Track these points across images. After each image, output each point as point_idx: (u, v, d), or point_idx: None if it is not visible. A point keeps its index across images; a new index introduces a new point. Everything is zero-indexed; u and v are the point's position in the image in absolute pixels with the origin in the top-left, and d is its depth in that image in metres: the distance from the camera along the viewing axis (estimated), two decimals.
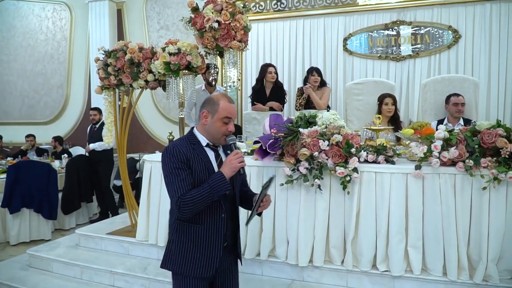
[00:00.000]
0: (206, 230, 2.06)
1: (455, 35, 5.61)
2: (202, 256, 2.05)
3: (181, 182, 1.96)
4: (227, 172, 2.01)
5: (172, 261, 2.07)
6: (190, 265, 2.05)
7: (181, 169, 1.98)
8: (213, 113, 2.08)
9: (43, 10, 8.94)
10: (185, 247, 2.05)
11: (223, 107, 2.07)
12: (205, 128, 2.10)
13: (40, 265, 4.08)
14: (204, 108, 2.12)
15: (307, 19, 6.31)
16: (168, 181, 1.99)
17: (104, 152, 6.31)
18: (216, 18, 3.43)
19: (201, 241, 2.06)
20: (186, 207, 1.93)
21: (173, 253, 2.07)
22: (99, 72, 4.15)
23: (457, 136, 2.91)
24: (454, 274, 2.88)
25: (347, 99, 4.91)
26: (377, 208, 3.06)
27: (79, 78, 8.69)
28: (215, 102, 2.09)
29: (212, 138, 2.11)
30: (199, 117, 2.15)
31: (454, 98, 4.31)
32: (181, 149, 2.01)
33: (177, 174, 1.97)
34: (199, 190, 1.96)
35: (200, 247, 2.05)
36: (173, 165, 1.98)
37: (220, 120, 2.07)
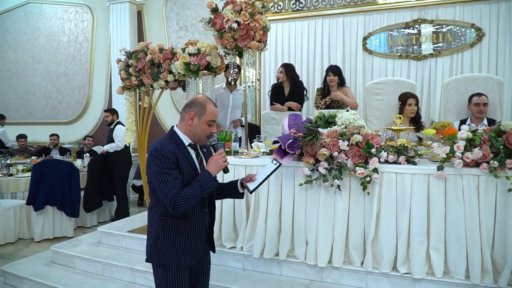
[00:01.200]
0: (191, 225, 2.20)
1: (478, 33, 5.51)
2: (187, 248, 2.20)
3: (173, 181, 2.06)
4: (214, 170, 2.18)
5: (159, 254, 2.17)
6: (176, 257, 2.17)
7: (172, 169, 2.08)
8: (200, 115, 2.20)
9: (66, 13, 9.10)
10: (172, 241, 2.17)
11: (210, 111, 2.22)
12: (190, 128, 2.21)
13: (63, 261, 4.16)
14: (191, 110, 2.22)
15: (326, 19, 6.28)
16: (159, 180, 2.07)
17: (117, 153, 6.34)
18: (236, 19, 3.44)
19: (187, 235, 2.19)
20: (181, 204, 2.05)
21: (160, 248, 2.17)
22: (121, 73, 4.21)
23: (481, 137, 2.85)
24: (478, 278, 2.82)
25: (367, 99, 4.85)
26: (398, 209, 3.02)
27: (100, 79, 8.82)
28: (203, 105, 2.22)
29: (195, 138, 2.24)
30: (183, 117, 2.24)
31: (476, 98, 4.23)
32: (170, 149, 2.11)
33: (169, 174, 2.07)
34: (191, 188, 2.09)
35: (186, 240, 2.19)
36: (164, 165, 2.07)
37: (206, 123, 2.21)
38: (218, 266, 3.57)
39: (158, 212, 2.18)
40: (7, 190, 5.93)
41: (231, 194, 2.50)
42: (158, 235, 2.17)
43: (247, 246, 3.51)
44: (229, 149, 3.77)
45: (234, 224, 3.64)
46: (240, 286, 3.25)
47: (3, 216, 5.39)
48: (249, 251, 3.50)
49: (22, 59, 9.64)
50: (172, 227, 2.17)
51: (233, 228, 3.64)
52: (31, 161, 6.94)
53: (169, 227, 2.17)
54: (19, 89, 9.74)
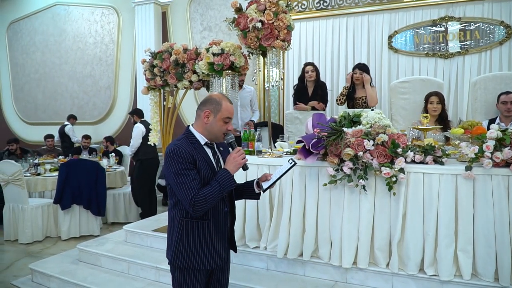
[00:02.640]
0: (212, 225, 2.18)
1: (507, 31, 5.36)
2: (209, 249, 2.17)
3: (192, 181, 2.04)
4: (232, 168, 2.15)
5: (181, 257, 2.15)
6: (199, 259, 2.15)
7: (189, 169, 2.06)
8: (216, 112, 2.17)
9: (92, 14, 9.29)
10: (193, 242, 2.14)
11: (225, 107, 2.19)
12: (206, 127, 2.19)
13: (89, 260, 4.24)
14: (206, 107, 2.20)
15: (351, 17, 6.22)
16: (178, 181, 2.05)
17: (136, 154, 6.38)
18: (260, 18, 3.44)
19: (208, 235, 2.17)
20: (201, 205, 2.03)
21: (182, 250, 2.14)
22: (146, 73, 4.26)
23: (511, 136, 2.77)
24: (507, 280, 2.74)
25: (392, 98, 4.78)
26: (425, 210, 2.96)
27: (126, 79, 8.96)
28: (218, 102, 2.19)
29: (212, 136, 2.21)
30: (198, 115, 2.23)
31: (504, 96, 4.13)
32: (187, 150, 2.09)
33: (187, 174, 2.05)
34: (210, 188, 2.07)
35: (207, 240, 2.16)
36: (182, 166, 2.05)
37: (222, 120, 2.18)
38: (241, 266, 3.59)
39: (179, 213, 2.16)
40: (35, 189, 6.06)
41: (247, 195, 2.46)
42: (180, 237, 2.15)
43: (270, 246, 3.51)
44: (252, 148, 3.77)
45: (258, 224, 3.64)
46: (263, 286, 3.25)
47: (31, 215, 5.53)
48: (273, 251, 3.49)
49: (49, 60, 9.90)
50: (194, 228, 2.15)
51: (256, 228, 3.64)
52: (58, 160, 7.09)
53: (190, 229, 2.15)
54: (47, 90, 10.00)
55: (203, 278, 2.23)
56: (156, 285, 3.71)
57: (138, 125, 6.33)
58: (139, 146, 6.26)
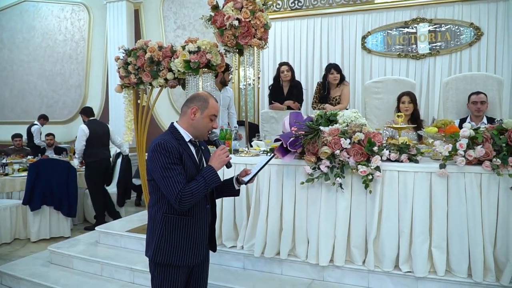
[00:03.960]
0: (194, 221, 2.17)
1: (477, 33, 5.51)
2: (191, 245, 2.17)
3: (178, 176, 2.04)
4: (217, 165, 2.17)
5: (163, 254, 2.13)
6: (180, 255, 2.14)
7: (176, 164, 2.05)
8: (203, 109, 2.19)
9: (62, 11, 9.06)
10: (175, 238, 2.13)
11: (212, 105, 2.22)
12: (192, 123, 2.19)
13: (61, 262, 4.12)
14: (193, 104, 2.21)
15: (325, 18, 6.27)
16: (164, 175, 2.03)
17: (84, 156, 6.05)
18: (237, 16, 3.42)
19: (190, 232, 2.16)
20: (187, 199, 2.02)
21: (164, 246, 2.12)
22: (120, 71, 4.17)
23: (483, 134, 2.84)
24: (480, 276, 2.81)
25: (366, 97, 4.84)
26: (400, 207, 3.00)
27: (97, 78, 8.78)
28: (205, 100, 2.21)
29: (197, 133, 2.22)
30: (184, 112, 2.22)
31: (474, 96, 4.25)
32: (174, 145, 2.08)
33: (174, 169, 2.04)
34: (196, 183, 2.07)
35: (189, 237, 2.16)
36: (169, 160, 2.04)
37: (208, 117, 2.21)
38: (219, 265, 3.55)
39: (161, 209, 2.14)
40: (2, 190, 5.85)
41: (227, 192, 2.46)
42: (162, 233, 2.12)
43: (247, 245, 3.49)
44: (229, 147, 3.74)
45: (235, 223, 3.62)
46: (241, 285, 3.23)
47: None
48: (250, 250, 3.47)
49: (17, 58, 9.60)
50: (176, 224, 2.13)
51: (233, 227, 3.62)
52: (27, 160, 6.87)
53: (173, 225, 2.13)
54: (15, 88, 9.68)
55: (184, 276, 2.21)
56: (131, 286, 3.64)
57: (82, 126, 5.98)
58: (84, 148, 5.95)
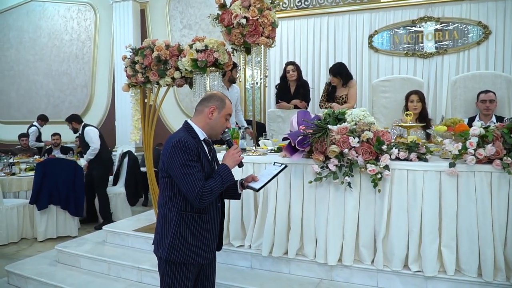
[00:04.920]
0: (208, 219, 2.19)
1: (485, 31, 5.47)
2: (204, 243, 2.18)
3: (198, 173, 2.06)
4: (231, 164, 2.22)
5: (178, 251, 2.12)
6: (194, 253, 2.15)
7: (195, 161, 2.08)
8: (220, 109, 2.22)
9: (68, 11, 9.09)
10: (190, 236, 2.14)
11: (228, 105, 2.26)
12: (209, 122, 2.22)
13: (68, 261, 4.12)
14: (211, 103, 2.23)
15: (332, 17, 6.25)
16: (184, 171, 2.04)
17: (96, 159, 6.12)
18: (244, 14, 3.41)
19: (203, 229, 2.18)
20: (207, 196, 2.05)
21: (178, 244, 2.12)
22: (127, 70, 4.17)
23: (493, 133, 2.82)
24: (490, 275, 2.78)
25: (374, 96, 4.82)
26: (409, 206, 2.98)
27: (103, 77, 8.80)
28: (222, 100, 2.25)
29: (213, 132, 2.25)
30: (200, 111, 2.24)
31: (483, 95, 4.21)
32: (192, 142, 2.10)
33: (193, 166, 2.06)
34: (214, 181, 2.10)
35: (202, 235, 2.17)
36: (189, 157, 2.05)
37: (224, 117, 2.25)
38: (226, 265, 3.54)
39: (176, 207, 2.13)
40: (9, 189, 5.86)
41: (228, 195, 2.44)
42: (177, 231, 2.12)
43: (255, 244, 3.48)
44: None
45: (242, 222, 3.60)
46: (248, 285, 3.21)
47: (6, 216, 5.33)
48: (258, 249, 3.46)
49: (24, 58, 9.64)
50: (191, 222, 2.14)
51: (241, 226, 3.61)
52: (34, 160, 6.90)
53: (188, 222, 2.13)
54: (21, 88, 9.73)
55: (194, 274, 2.21)
56: (138, 285, 3.63)
57: (90, 128, 6.08)
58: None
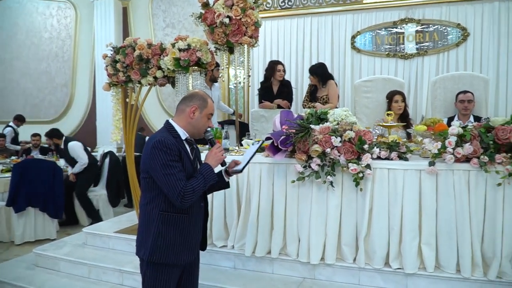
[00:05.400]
0: (190, 219, 2.18)
1: (463, 33, 5.58)
2: (186, 244, 2.17)
3: (180, 173, 2.04)
4: (214, 163, 2.21)
5: (160, 252, 2.11)
6: (177, 254, 2.13)
7: (176, 161, 2.06)
8: (202, 108, 2.21)
9: (48, 8, 8.92)
10: (173, 237, 2.12)
11: (210, 104, 2.25)
12: (191, 121, 2.20)
13: (46, 264, 4.04)
14: (192, 103, 2.21)
15: (315, 17, 6.29)
16: (166, 172, 2.02)
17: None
18: (227, 14, 3.40)
19: (186, 229, 2.16)
20: (189, 196, 2.03)
21: (161, 245, 2.11)
22: (108, 69, 4.11)
23: (471, 132, 2.87)
24: (468, 271, 2.84)
25: (356, 96, 4.87)
26: (390, 205, 3.02)
27: (84, 76, 8.67)
28: (204, 99, 2.23)
29: (195, 131, 2.23)
30: (182, 110, 2.22)
31: (461, 95, 4.30)
32: (173, 142, 2.08)
33: (175, 166, 2.04)
34: (196, 180, 2.09)
35: (184, 235, 2.16)
36: (170, 157, 2.04)
37: (206, 116, 2.23)
38: (209, 265, 3.52)
39: (158, 207, 2.11)
40: None
41: (217, 185, 2.44)
42: (159, 232, 2.10)
43: (238, 244, 3.47)
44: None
45: (225, 223, 3.59)
46: (231, 285, 3.21)
47: None
48: (241, 249, 3.45)
49: None
50: (173, 222, 2.12)
51: (223, 226, 3.59)
52: (11, 161, 6.74)
53: (170, 223, 2.12)
54: None
55: (177, 275, 2.19)
56: None
57: (75, 144, 6.04)
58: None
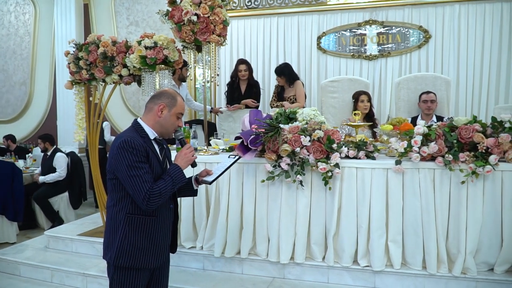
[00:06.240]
0: (158, 221, 2.10)
1: (425, 35, 5.74)
2: (154, 247, 2.09)
3: (146, 175, 1.97)
4: (183, 164, 2.13)
5: (126, 256, 2.03)
6: (144, 257, 2.06)
7: (143, 162, 1.98)
8: (171, 107, 2.12)
9: (5, 4, 8.52)
10: (140, 240, 2.05)
11: (180, 103, 2.16)
12: (159, 120, 2.12)
13: (6, 269, 3.89)
14: (160, 101, 2.13)
15: (281, 17, 6.30)
16: (131, 173, 1.95)
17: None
18: (195, 11, 3.35)
19: (155, 232, 2.09)
20: (155, 199, 1.96)
21: (127, 248, 2.03)
22: (70, 66, 3.97)
23: (436, 132, 2.96)
24: (434, 268, 2.93)
25: (323, 96, 4.91)
26: (358, 203, 3.07)
27: (44, 75, 8.33)
28: (173, 97, 2.15)
29: (163, 131, 2.15)
30: (150, 109, 2.14)
31: (424, 95, 4.42)
32: (140, 142, 2.00)
33: (141, 167, 1.96)
34: (163, 182, 2.01)
35: (153, 238, 2.09)
36: (136, 158, 1.96)
37: (175, 115, 2.15)
38: (177, 267, 3.47)
39: (123, 210, 2.03)
40: None
41: (184, 192, 2.39)
42: (125, 235, 2.02)
43: (207, 245, 3.44)
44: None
45: (194, 223, 3.55)
46: (201, 286, 3.18)
47: None
48: (210, 250, 3.42)
49: None
50: (140, 225, 2.04)
51: (192, 227, 3.55)
52: None
53: (137, 225, 2.04)
54: None
55: (145, 279, 2.13)
56: None
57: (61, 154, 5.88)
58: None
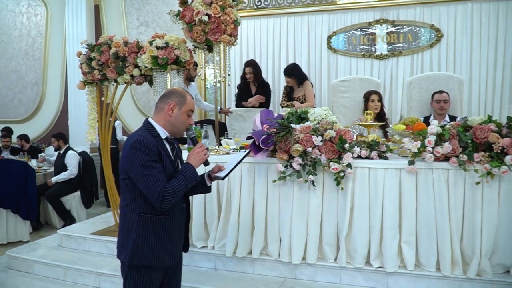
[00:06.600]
0: (171, 220, 2.11)
1: (437, 34, 5.68)
2: (168, 246, 2.11)
3: (159, 174, 1.98)
4: (196, 163, 2.13)
5: (140, 255, 2.05)
6: (158, 256, 2.07)
7: (156, 162, 2.00)
8: (181, 105, 2.14)
9: (18, 6, 8.62)
10: (154, 239, 2.06)
11: (189, 101, 2.18)
12: (170, 119, 2.13)
13: (20, 267, 3.93)
14: (170, 100, 2.14)
15: (291, 17, 6.28)
16: (145, 173, 1.96)
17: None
18: (206, 11, 3.35)
19: (167, 231, 2.10)
20: (169, 198, 1.97)
21: (141, 247, 2.05)
22: (82, 66, 3.99)
23: (449, 131, 2.92)
24: (448, 269, 2.89)
25: (333, 96, 4.89)
26: (371, 203, 3.05)
27: (55, 75, 8.41)
28: (183, 95, 2.16)
29: (175, 130, 2.16)
30: (160, 108, 2.15)
31: (437, 95, 4.38)
32: (152, 142, 2.02)
33: (154, 167, 1.98)
34: (177, 181, 2.02)
35: (167, 237, 2.10)
36: (149, 158, 1.98)
37: (186, 113, 2.16)
38: (189, 266, 3.47)
39: (137, 209, 2.05)
40: None
41: (198, 189, 2.39)
42: (139, 234, 2.03)
43: (219, 245, 3.44)
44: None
45: (205, 223, 3.55)
46: (212, 286, 3.18)
47: None
48: (221, 250, 3.42)
49: None
50: (154, 224, 2.06)
51: (204, 227, 3.55)
52: None
53: (151, 225, 2.05)
54: None
55: (159, 278, 2.13)
56: None
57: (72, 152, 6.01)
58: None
